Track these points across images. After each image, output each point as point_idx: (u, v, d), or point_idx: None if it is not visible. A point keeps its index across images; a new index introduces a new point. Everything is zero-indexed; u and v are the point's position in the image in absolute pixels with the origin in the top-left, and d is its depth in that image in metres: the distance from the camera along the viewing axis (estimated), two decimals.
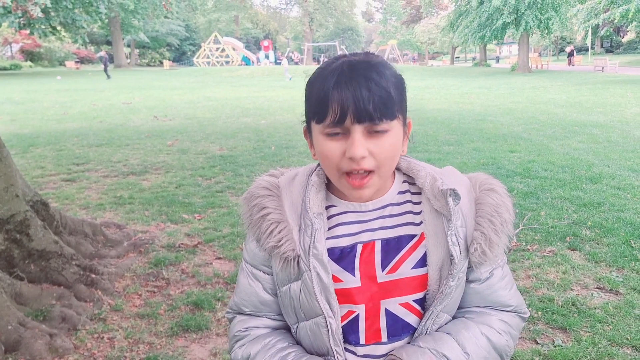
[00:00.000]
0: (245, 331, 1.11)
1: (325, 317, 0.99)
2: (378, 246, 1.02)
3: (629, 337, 2.84)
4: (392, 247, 1.02)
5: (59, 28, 32.34)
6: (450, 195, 0.98)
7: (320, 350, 1.03)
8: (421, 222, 1.03)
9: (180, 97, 18.94)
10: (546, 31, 31.05)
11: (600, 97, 15.84)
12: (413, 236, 1.02)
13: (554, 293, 3.38)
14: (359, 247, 1.02)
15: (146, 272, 3.78)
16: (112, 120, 12.76)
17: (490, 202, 1.03)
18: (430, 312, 1.00)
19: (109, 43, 54.41)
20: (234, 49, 49.26)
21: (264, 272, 1.09)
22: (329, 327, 0.99)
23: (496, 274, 1.07)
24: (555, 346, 2.80)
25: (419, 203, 1.05)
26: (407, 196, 1.07)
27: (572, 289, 3.45)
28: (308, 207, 1.01)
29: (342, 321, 1.02)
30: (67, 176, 6.83)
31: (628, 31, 42.57)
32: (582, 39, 48.30)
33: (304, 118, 1.03)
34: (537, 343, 2.83)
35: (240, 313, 1.14)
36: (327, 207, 1.05)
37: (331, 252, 1.01)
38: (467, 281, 1.06)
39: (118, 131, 10.80)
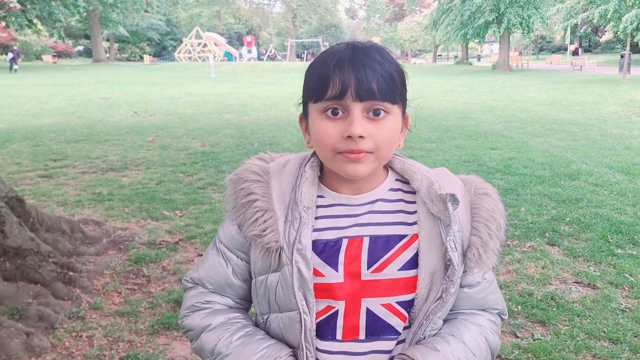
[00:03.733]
0: (206, 304, 1.08)
1: (300, 312, 0.97)
2: (366, 243, 0.99)
3: (606, 330, 2.89)
4: (380, 246, 0.99)
5: (35, 21, 31.68)
6: (449, 200, 0.96)
7: (291, 343, 1.01)
8: (414, 223, 1.01)
9: (161, 93, 18.71)
10: (527, 29, 31.43)
11: (579, 95, 16.10)
12: (403, 236, 1.00)
13: (534, 287, 3.43)
14: (344, 242, 0.99)
15: (126, 270, 3.73)
16: (90, 115, 12.54)
17: (486, 206, 1.02)
18: (430, 320, 0.99)
19: (87, 37, 53.57)
20: (216, 44, 48.86)
21: (237, 257, 1.06)
22: (302, 324, 0.97)
23: (487, 277, 1.08)
24: (534, 339, 2.83)
25: (413, 203, 1.03)
26: (400, 194, 1.04)
27: (551, 284, 3.50)
28: (299, 200, 0.98)
29: (320, 316, 0.99)
30: (44, 172, 6.69)
31: (606, 31, 43.34)
32: (562, 39, 49.02)
33: (300, 106, 1.01)
34: (517, 337, 2.87)
35: (202, 286, 1.11)
36: (316, 198, 1.02)
37: (314, 244, 0.98)
38: (460, 286, 1.04)
39: (97, 127, 10.63)
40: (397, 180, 1.06)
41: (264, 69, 35.27)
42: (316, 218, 1.00)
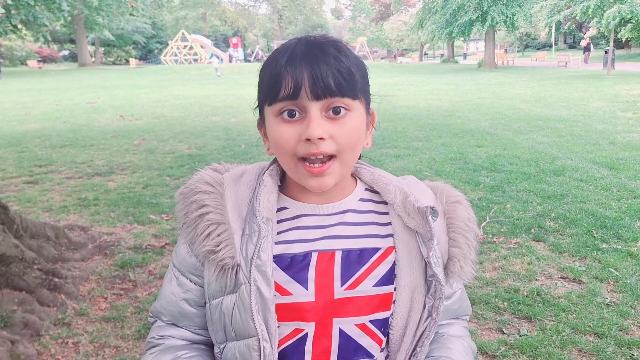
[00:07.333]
0: (159, 339, 0.99)
1: (259, 339, 0.86)
2: (338, 257, 0.90)
3: (591, 325, 2.92)
4: (354, 260, 0.90)
5: (19, 26, 31.34)
6: (430, 214, 0.89)
7: None
8: (388, 235, 0.94)
9: (147, 96, 18.60)
10: (511, 27, 31.67)
11: (564, 92, 16.25)
12: (377, 249, 0.92)
13: (520, 284, 3.45)
14: (314, 256, 0.89)
15: (112, 275, 3.70)
16: (76, 120, 12.44)
17: (461, 215, 0.97)
18: (424, 345, 0.91)
19: (72, 41, 53.07)
20: (202, 47, 48.66)
21: (190, 281, 0.96)
22: (261, 352, 0.86)
23: (461, 286, 1.05)
24: (520, 335, 2.85)
25: (385, 214, 0.96)
26: (370, 205, 0.96)
27: (536, 279, 3.53)
28: (257, 211, 0.88)
29: (287, 340, 0.89)
30: (29, 178, 6.63)
31: (590, 27, 43.83)
32: (547, 35, 49.45)
33: (256, 109, 0.93)
34: (504, 333, 2.89)
35: (160, 319, 1.02)
36: (278, 210, 0.93)
37: (279, 259, 0.89)
38: None
39: (82, 131, 10.54)
40: (366, 190, 0.98)
41: (251, 70, 35.18)
42: (280, 233, 0.91)
